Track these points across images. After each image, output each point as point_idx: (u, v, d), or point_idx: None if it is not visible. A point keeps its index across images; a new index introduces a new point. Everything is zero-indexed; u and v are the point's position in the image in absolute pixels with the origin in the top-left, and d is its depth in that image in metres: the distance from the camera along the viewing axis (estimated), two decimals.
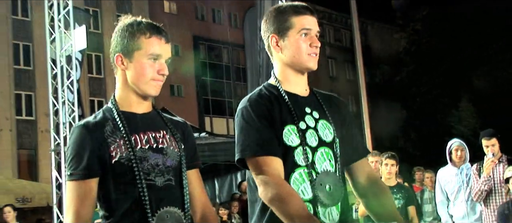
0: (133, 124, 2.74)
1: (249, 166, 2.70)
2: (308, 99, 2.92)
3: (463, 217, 8.78)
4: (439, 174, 9.29)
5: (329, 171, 2.79)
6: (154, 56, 2.69)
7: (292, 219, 2.48)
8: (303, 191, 2.71)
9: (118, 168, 2.63)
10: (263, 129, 2.70)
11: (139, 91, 2.75)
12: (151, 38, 2.69)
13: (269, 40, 2.91)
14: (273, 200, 2.56)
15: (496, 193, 8.18)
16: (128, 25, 2.75)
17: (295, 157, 2.73)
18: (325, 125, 2.87)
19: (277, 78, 2.91)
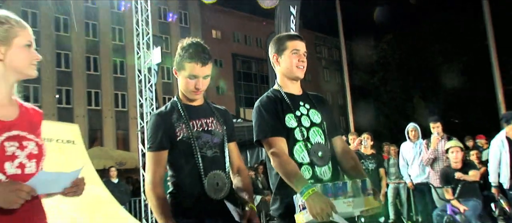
0: (191, 113, 2.84)
1: (264, 144, 2.79)
2: (301, 96, 2.98)
3: (417, 176, 8.78)
4: (401, 147, 9.29)
5: (320, 143, 2.85)
6: (192, 76, 2.76)
7: (289, 177, 2.57)
8: (302, 157, 2.77)
9: (181, 144, 2.75)
10: (271, 119, 2.79)
11: (187, 96, 2.86)
12: (191, 64, 2.74)
13: (272, 58, 3.00)
14: (278, 167, 2.65)
15: (439, 160, 8.17)
16: (182, 48, 2.82)
17: (295, 135, 2.80)
18: (314, 112, 2.94)
19: (279, 84, 2.99)
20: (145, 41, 13.15)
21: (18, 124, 1.95)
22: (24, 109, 2.06)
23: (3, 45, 1.92)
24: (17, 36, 1.95)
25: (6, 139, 1.86)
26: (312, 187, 2.41)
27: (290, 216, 2.58)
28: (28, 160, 1.91)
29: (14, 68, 1.96)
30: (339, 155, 2.97)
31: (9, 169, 1.83)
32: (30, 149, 1.93)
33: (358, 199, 2.51)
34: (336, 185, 2.51)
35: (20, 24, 1.99)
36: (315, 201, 2.35)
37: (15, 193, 1.73)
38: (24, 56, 1.97)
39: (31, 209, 1.90)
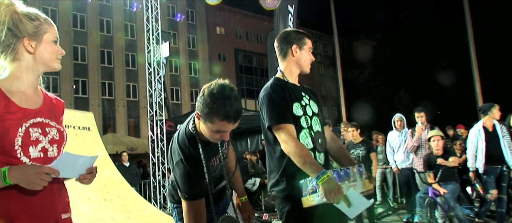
0: (209, 152, 2.63)
1: (274, 130, 2.68)
2: (300, 88, 2.94)
3: (402, 162, 8.78)
4: (388, 136, 9.28)
5: (319, 131, 2.85)
6: (220, 131, 2.46)
7: (305, 161, 2.51)
8: (307, 143, 2.74)
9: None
10: (281, 106, 2.71)
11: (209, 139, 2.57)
12: (222, 122, 2.39)
13: (290, 49, 2.88)
14: (293, 152, 2.56)
15: (422, 147, 8.16)
16: (212, 97, 2.40)
17: (301, 123, 2.76)
18: (312, 103, 2.92)
19: (284, 74, 2.91)
20: (155, 36, 13.13)
21: (42, 112, 1.96)
22: (48, 98, 2.08)
23: (34, 40, 1.93)
24: (47, 32, 1.98)
25: (31, 125, 1.87)
26: (326, 173, 2.42)
27: (294, 196, 2.59)
28: (50, 145, 1.92)
29: (43, 61, 1.97)
30: (329, 143, 2.98)
31: (32, 153, 1.84)
32: (52, 135, 1.94)
33: (358, 183, 2.57)
34: (344, 171, 2.55)
35: (48, 21, 2.01)
36: (330, 185, 2.36)
37: (39, 176, 1.74)
38: (52, 51, 1.99)
39: (54, 191, 1.92)
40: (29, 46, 1.92)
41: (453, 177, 7.19)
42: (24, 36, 1.91)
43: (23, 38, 1.91)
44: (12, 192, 1.77)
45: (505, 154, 7.23)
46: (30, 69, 1.96)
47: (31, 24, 1.93)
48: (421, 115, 8.50)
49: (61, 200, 1.98)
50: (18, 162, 1.80)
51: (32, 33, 1.93)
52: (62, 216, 1.96)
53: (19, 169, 1.75)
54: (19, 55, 1.92)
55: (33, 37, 1.94)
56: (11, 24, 1.89)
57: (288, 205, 2.68)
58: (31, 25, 1.93)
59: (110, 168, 8.87)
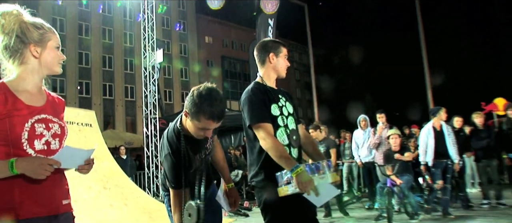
0: (194, 147, 2.67)
1: (254, 128, 2.68)
2: (277, 90, 2.91)
3: (365, 156, 8.85)
4: (354, 134, 9.34)
5: (294, 129, 2.83)
6: (205, 129, 2.51)
7: (280, 156, 2.53)
8: (283, 140, 2.72)
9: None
10: (260, 107, 2.70)
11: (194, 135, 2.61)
12: (208, 120, 2.45)
13: (268, 56, 2.87)
14: (270, 147, 2.57)
15: (382, 144, 8.23)
16: (200, 98, 2.46)
17: (278, 122, 2.74)
18: (288, 105, 2.89)
19: (263, 78, 2.89)
20: (150, 44, 13.05)
21: (45, 109, 1.95)
22: (51, 97, 2.06)
23: (39, 46, 1.93)
24: (50, 39, 1.97)
25: (36, 121, 1.86)
26: (300, 166, 2.44)
27: (271, 186, 2.59)
28: (53, 138, 1.91)
29: (46, 65, 1.96)
30: (302, 139, 2.96)
31: (37, 145, 1.84)
32: (54, 130, 1.93)
33: (327, 175, 2.58)
34: (314, 165, 2.57)
35: (52, 30, 2.01)
36: (302, 177, 2.40)
37: (43, 166, 1.75)
38: (54, 56, 1.98)
39: (56, 180, 1.91)
40: (35, 51, 1.92)
41: (407, 169, 7.29)
42: (31, 43, 1.91)
43: (30, 44, 1.91)
44: (18, 180, 1.76)
45: (449, 150, 7.37)
46: (35, 71, 1.95)
47: (37, 32, 1.93)
48: (382, 116, 8.59)
49: (62, 188, 1.97)
50: (24, 154, 1.80)
51: (37, 40, 1.93)
52: (63, 202, 1.95)
53: (25, 160, 1.76)
54: (26, 59, 1.92)
55: (39, 43, 1.93)
56: (19, 32, 1.89)
57: (265, 193, 2.66)
58: (37, 33, 1.93)
59: (109, 160, 8.81)
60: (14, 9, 1.92)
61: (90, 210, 6.75)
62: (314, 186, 2.42)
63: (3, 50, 1.90)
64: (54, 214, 1.88)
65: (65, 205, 1.96)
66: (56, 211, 1.89)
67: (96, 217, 6.71)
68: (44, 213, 1.84)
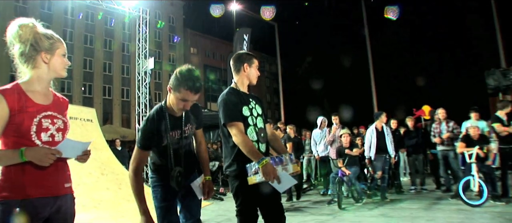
0: (173, 124, 2.62)
1: (228, 126, 2.69)
2: (249, 95, 2.90)
3: (322, 151, 8.84)
4: (313, 132, 9.31)
5: (262, 128, 2.84)
6: (184, 100, 2.48)
7: (249, 150, 2.55)
8: (252, 136, 2.73)
9: (163, 147, 2.61)
10: (233, 109, 2.71)
11: (175, 110, 2.58)
12: (187, 91, 2.44)
13: (242, 66, 2.85)
14: (240, 142, 2.58)
15: (336, 141, 8.31)
16: (181, 74, 2.48)
17: (248, 121, 2.75)
18: (257, 107, 2.89)
19: (237, 84, 2.88)
20: (143, 53, 12.89)
21: (51, 107, 1.95)
22: (56, 97, 2.05)
23: (49, 53, 1.93)
24: (59, 48, 1.97)
25: (43, 117, 1.87)
26: (265, 159, 2.47)
27: (242, 175, 2.59)
28: (57, 132, 1.92)
29: (54, 70, 1.96)
30: (269, 136, 2.97)
31: (43, 137, 1.85)
32: (58, 125, 1.94)
33: (289, 166, 2.63)
34: (278, 158, 2.61)
35: (60, 40, 2.01)
36: (267, 168, 2.44)
37: (47, 155, 1.77)
38: (61, 62, 1.98)
39: (59, 166, 1.92)
40: (45, 58, 1.92)
41: (355, 162, 7.41)
42: (42, 51, 1.91)
43: (41, 52, 1.91)
44: (27, 166, 1.78)
45: (388, 147, 7.54)
46: (44, 75, 1.95)
47: (48, 41, 1.93)
48: (336, 118, 8.67)
49: (64, 174, 1.97)
50: (32, 144, 1.81)
51: (48, 48, 1.93)
52: (65, 185, 1.96)
53: (33, 149, 1.77)
54: (38, 64, 1.91)
55: (49, 51, 1.93)
56: (33, 41, 1.89)
57: (237, 181, 2.68)
58: (47, 43, 1.93)
59: (107, 151, 8.68)
60: (30, 22, 1.93)
61: (90, 192, 6.67)
62: (277, 176, 2.45)
63: (19, 56, 1.91)
64: (56, 195, 1.89)
65: (67, 188, 1.97)
66: (58, 193, 1.90)
67: (94, 198, 6.63)
68: (48, 193, 1.85)
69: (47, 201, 1.83)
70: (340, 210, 6.56)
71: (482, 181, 6.13)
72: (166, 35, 39.08)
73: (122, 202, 6.92)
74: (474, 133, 6.71)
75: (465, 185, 6.30)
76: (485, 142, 6.61)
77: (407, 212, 6.07)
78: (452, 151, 7.53)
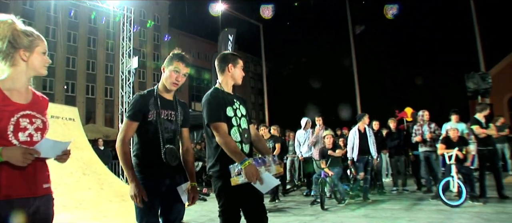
0: (163, 104, 2.65)
1: (211, 126, 2.67)
2: (233, 95, 2.89)
3: (305, 152, 8.89)
4: (297, 133, 9.34)
5: (245, 129, 2.82)
6: (176, 70, 2.63)
7: (232, 151, 2.54)
8: (236, 137, 2.71)
9: (150, 124, 2.57)
10: (218, 109, 2.69)
11: (167, 86, 2.67)
12: (178, 62, 2.63)
13: (227, 66, 2.84)
14: (223, 143, 2.57)
15: (319, 142, 8.38)
16: (173, 53, 2.72)
17: (232, 122, 2.73)
18: (242, 107, 2.88)
19: (221, 84, 2.86)
20: (127, 52, 12.75)
21: (30, 106, 1.90)
22: (36, 96, 2.01)
23: (28, 51, 1.88)
24: (38, 45, 1.92)
25: (21, 116, 1.83)
26: (248, 160, 2.47)
27: (225, 176, 2.58)
28: (36, 132, 1.88)
29: (33, 68, 1.92)
30: (253, 137, 2.95)
31: (21, 137, 1.81)
32: (37, 124, 1.89)
33: (272, 167, 2.62)
34: (261, 159, 2.59)
35: (40, 38, 1.96)
36: (250, 169, 2.43)
37: (24, 155, 1.73)
38: (41, 60, 1.93)
39: (37, 167, 1.87)
40: (24, 55, 1.88)
41: (338, 163, 7.48)
42: (21, 48, 1.86)
43: (20, 49, 1.86)
44: (4, 166, 1.73)
45: (370, 148, 7.62)
46: (23, 73, 1.90)
47: (27, 39, 1.88)
48: (319, 119, 8.73)
49: (42, 174, 1.92)
50: (9, 144, 1.76)
51: (27, 46, 1.88)
52: (43, 185, 1.91)
53: (10, 149, 1.73)
54: (16, 62, 1.87)
55: (27, 49, 1.89)
56: (11, 38, 1.85)
57: (220, 182, 2.66)
58: (26, 40, 1.88)
59: (89, 151, 8.55)
60: (9, 18, 1.88)
61: (71, 192, 6.56)
62: (259, 177, 2.45)
63: None
64: (35, 195, 1.84)
65: (45, 188, 1.92)
66: (37, 193, 1.86)
67: (76, 198, 6.52)
68: (26, 194, 1.80)
69: (25, 201, 1.79)
70: (322, 210, 6.60)
71: (461, 182, 6.25)
72: (151, 34, 38.79)
73: (104, 202, 6.82)
74: (454, 135, 6.84)
75: (445, 186, 6.42)
76: (464, 144, 6.74)
77: (389, 213, 6.14)
78: (434, 152, 7.66)
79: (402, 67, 37.63)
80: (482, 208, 5.98)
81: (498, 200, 6.49)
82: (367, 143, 7.64)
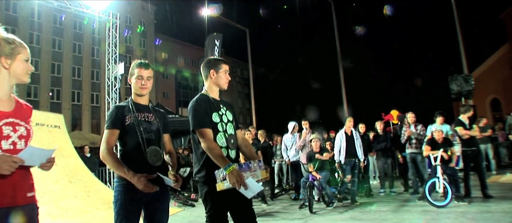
0: (138, 108, 2.70)
1: (197, 132, 2.67)
2: (219, 101, 2.89)
3: (293, 156, 8.89)
4: (284, 137, 9.33)
5: (232, 134, 2.81)
6: (139, 77, 2.69)
7: (217, 157, 2.54)
8: (222, 143, 2.71)
9: (129, 127, 2.61)
10: (203, 115, 2.69)
11: (138, 92, 2.74)
12: (138, 68, 2.70)
13: (209, 72, 2.85)
14: (208, 149, 2.57)
15: (306, 146, 8.39)
16: (132, 65, 2.79)
17: (218, 127, 2.73)
18: (228, 113, 2.88)
19: (207, 90, 2.88)
20: (114, 58, 12.62)
21: (13, 114, 1.88)
22: (19, 103, 1.98)
23: (9, 58, 1.87)
24: (20, 53, 1.90)
25: (3, 124, 1.80)
26: (232, 165, 2.45)
27: (211, 181, 2.57)
28: (19, 139, 1.85)
29: (15, 75, 1.90)
30: (239, 142, 2.94)
31: (4, 145, 1.78)
32: (21, 132, 1.87)
33: (258, 172, 2.63)
34: (246, 164, 2.59)
35: (22, 45, 1.94)
36: (234, 175, 2.42)
37: (7, 163, 1.69)
38: (23, 68, 1.91)
39: (21, 175, 1.84)
40: (5, 63, 1.86)
41: (325, 166, 7.49)
42: (1, 56, 1.84)
43: (1, 57, 1.84)
44: None
45: (357, 151, 7.68)
46: (5, 81, 1.88)
47: (8, 46, 1.86)
48: (306, 123, 8.74)
49: (27, 182, 1.90)
50: None
51: (8, 53, 1.86)
52: (28, 194, 1.88)
53: None
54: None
55: (9, 56, 1.87)
56: None
57: (206, 187, 2.65)
58: (8, 47, 1.86)
59: (75, 158, 8.43)
60: None
61: (57, 200, 6.45)
62: (243, 182, 2.44)
63: None
64: (18, 204, 1.81)
65: (29, 197, 1.89)
66: (20, 202, 1.82)
67: (62, 206, 6.42)
68: (10, 203, 1.77)
69: (7, 211, 1.75)
70: (311, 214, 6.62)
71: (446, 182, 6.34)
72: (138, 39, 38.49)
73: (91, 210, 6.73)
74: (439, 136, 6.93)
75: (431, 187, 6.50)
76: (448, 145, 6.84)
77: (377, 215, 6.19)
78: (420, 154, 7.74)
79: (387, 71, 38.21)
80: (467, 207, 6.06)
81: (483, 199, 6.59)
82: (354, 145, 7.69)
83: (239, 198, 2.61)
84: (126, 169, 2.46)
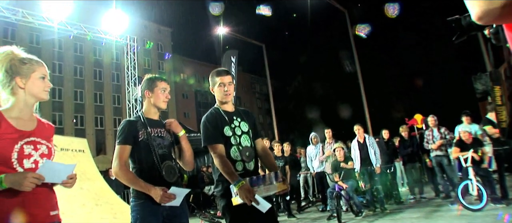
0: (150, 124, 2.62)
1: (209, 148, 2.68)
2: (233, 112, 2.86)
3: (317, 167, 8.85)
4: (307, 149, 9.31)
5: (247, 146, 2.77)
6: (163, 89, 2.67)
7: (227, 172, 2.53)
8: (237, 156, 2.70)
9: (142, 143, 2.54)
10: (213, 131, 2.70)
11: (159, 105, 2.69)
12: (160, 81, 2.69)
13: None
14: (219, 165, 2.58)
15: (330, 156, 8.29)
16: (150, 77, 2.75)
17: (231, 141, 2.72)
18: (244, 124, 2.84)
19: (217, 104, 2.88)
20: (133, 81, 12.85)
21: (35, 133, 1.90)
22: (41, 123, 2.00)
23: (24, 78, 1.90)
24: (34, 71, 1.93)
25: (25, 143, 1.82)
26: (241, 181, 2.44)
27: (227, 195, 2.57)
28: (41, 158, 1.86)
29: (32, 94, 1.92)
30: (260, 152, 2.90)
31: (26, 164, 1.79)
32: (42, 150, 1.88)
33: (273, 185, 2.58)
34: (258, 178, 2.56)
35: (39, 63, 1.97)
36: (242, 190, 2.41)
37: (27, 179, 1.68)
38: (39, 85, 1.94)
39: (44, 193, 1.84)
40: (20, 83, 1.90)
41: (351, 175, 7.33)
42: (17, 76, 1.89)
43: (16, 77, 1.89)
44: (7, 194, 1.70)
45: (371, 158, 7.54)
46: (23, 100, 1.91)
47: (23, 66, 1.91)
48: (328, 132, 8.70)
49: (50, 200, 1.89)
50: (14, 172, 1.74)
51: (23, 73, 1.90)
52: (51, 213, 1.87)
53: (13, 175, 1.70)
54: (15, 90, 1.89)
55: (23, 76, 1.90)
56: (8, 67, 1.88)
57: (224, 201, 2.65)
58: (23, 68, 1.91)
59: (100, 181, 8.55)
60: (10, 50, 1.92)
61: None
62: (253, 197, 2.41)
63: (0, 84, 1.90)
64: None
65: (53, 216, 1.88)
66: (44, 220, 1.81)
67: None
68: (33, 222, 1.76)
69: None
70: None
71: (480, 184, 6.08)
72: (155, 62, 39.26)
73: None
74: (467, 137, 6.70)
75: (463, 189, 6.24)
76: (479, 145, 6.59)
77: (408, 222, 5.97)
78: (445, 157, 7.52)
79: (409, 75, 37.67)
80: (506, 209, 5.78)
81: None
82: (367, 153, 7.58)
83: (258, 210, 2.56)
84: (143, 182, 2.42)
